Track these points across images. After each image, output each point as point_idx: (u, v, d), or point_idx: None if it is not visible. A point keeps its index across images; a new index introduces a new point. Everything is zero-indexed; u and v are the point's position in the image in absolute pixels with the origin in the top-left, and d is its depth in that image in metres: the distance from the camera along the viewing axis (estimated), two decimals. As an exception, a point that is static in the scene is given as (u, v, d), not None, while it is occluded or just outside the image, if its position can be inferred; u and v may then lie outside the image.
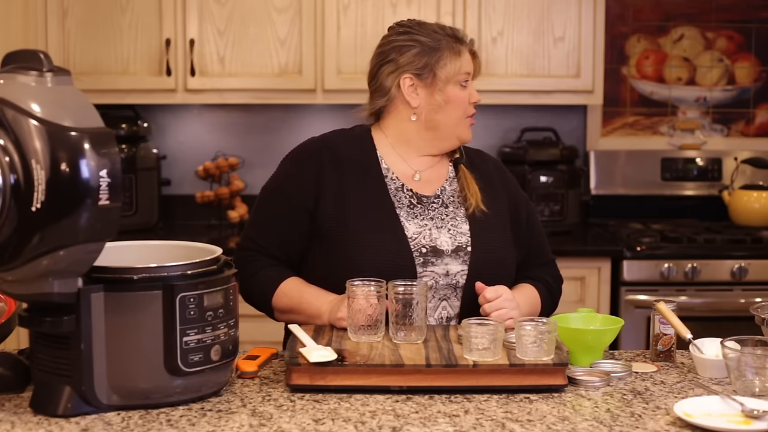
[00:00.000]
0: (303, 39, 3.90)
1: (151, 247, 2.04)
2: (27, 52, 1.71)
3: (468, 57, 2.33)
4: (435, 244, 2.25)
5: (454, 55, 2.30)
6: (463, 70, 2.31)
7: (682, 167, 4.34)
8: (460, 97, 2.31)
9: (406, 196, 2.29)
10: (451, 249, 2.25)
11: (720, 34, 4.38)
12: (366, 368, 1.88)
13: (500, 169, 2.47)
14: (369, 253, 2.20)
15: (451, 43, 2.30)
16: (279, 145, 4.30)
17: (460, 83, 2.31)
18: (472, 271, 2.24)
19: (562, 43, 3.97)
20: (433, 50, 2.28)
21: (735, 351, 1.88)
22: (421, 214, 2.28)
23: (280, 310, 2.26)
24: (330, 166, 2.29)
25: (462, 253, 2.26)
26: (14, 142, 1.63)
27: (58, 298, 1.70)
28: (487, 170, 2.41)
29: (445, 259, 2.24)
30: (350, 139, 2.36)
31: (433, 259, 2.23)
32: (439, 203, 2.31)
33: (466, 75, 2.32)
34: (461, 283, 2.24)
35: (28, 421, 1.74)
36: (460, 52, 2.31)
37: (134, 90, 3.91)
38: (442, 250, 2.25)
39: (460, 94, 2.31)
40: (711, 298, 3.75)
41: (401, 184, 2.31)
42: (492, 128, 4.30)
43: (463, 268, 2.25)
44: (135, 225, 3.95)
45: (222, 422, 1.74)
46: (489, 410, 1.80)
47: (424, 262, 2.23)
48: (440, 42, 2.29)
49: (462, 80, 2.31)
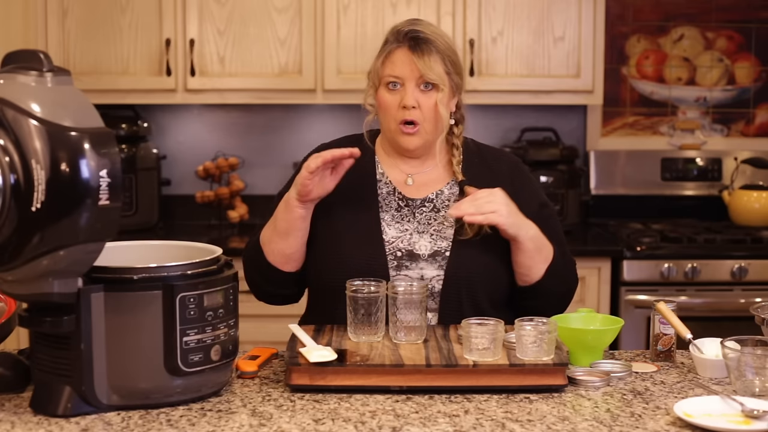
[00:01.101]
0: (303, 39, 3.90)
1: (151, 247, 2.05)
2: (27, 52, 1.71)
3: (400, 59, 2.22)
4: (412, 248, 2.24)
5: (382, 56, 2.24)
6: (387, 72, 2.22)
7: (682, 167, 4.34)
8: (385, 101, 2.23)
9: (395, 200, 2.29)
10: (428, 253, 2.23)
11: (720, 34, 4.38)
12: (366, 368, 1.88)
13: (516, 170, 2.37)
14: (345, 253, 2.21)
15: (386, 46, 2.24)
16: (279, 145, 4.32)
17: (386, 86, 2.23)
18: (448, 275, 2.21)
19: (562, 43, 3.97)
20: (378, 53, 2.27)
21: (735, 351, 1.88)
22: (406, 217, 2.27)
23: (263, 243, 2.26)
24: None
25: (439, 257, 2.23)
26: (14, 142, 1.63)
27: (58, 298, 1.70)
28: (499, 171, 2.34)
29: (420, 264, 2.23)
30: (352, 144, 2.36)
31: (408, 263, 2.22)
32: (430, 207, 2.28)
33: (391, 77, 2.22)
34: (437, 288, 2.22)
35: (28, 421, 1.74)
36: (390, 53, 2.23)
37: (134, 90, 3.92)
38: (419, 255, 2.23)
39: (385, 98, 2.23)
40: (711, 298, 3.75)
41: (393, 188, 2.30)
42: (492, 128, 4.30)
43: (439, 273, 2.22)
44: (135, 225, 3.95)
45: (222, 422, 1.74)
46: (489, 410, 1.80)
47: (398, 266, 2.22)
48: (383, 47, 2.26)
49: (387, 82, 2.23)
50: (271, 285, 2.31)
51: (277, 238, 2.23)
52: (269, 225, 2.27)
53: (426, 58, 2.20)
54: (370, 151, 2.35)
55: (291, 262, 2.26)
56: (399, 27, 2.26)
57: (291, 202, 2.19)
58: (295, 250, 2.24)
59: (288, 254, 2.24)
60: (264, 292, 2.36)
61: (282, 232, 2.22)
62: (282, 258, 2.25)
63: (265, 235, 2.27)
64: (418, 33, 2.23)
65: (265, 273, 2.28)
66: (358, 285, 2.05)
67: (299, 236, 2.23)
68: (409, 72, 2.21)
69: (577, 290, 2.40)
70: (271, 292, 2.35)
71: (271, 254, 2.25)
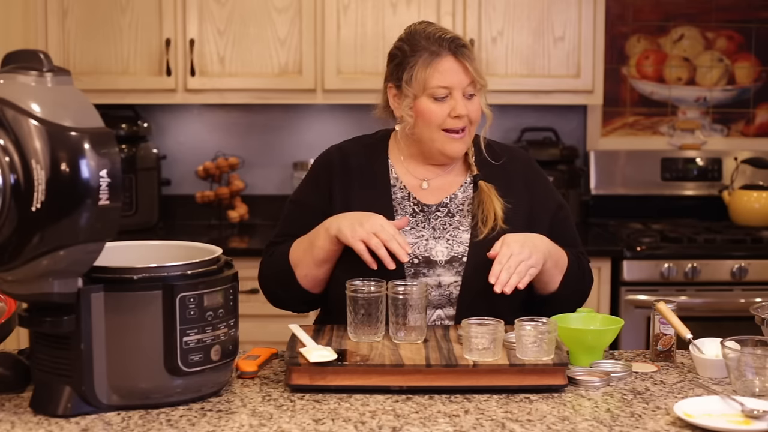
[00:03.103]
0: (303, 39, 3.89)
1: (151, 247, 2.04)
2: (27, 52, 1.71)
3: (449, 68, 2.18)
4: (429, 254, 2.23)
5: (424, 68, 2.18)
6: (434, 83, 2.18)
7: (682, 167, 4.34)
8: (430, 112, 2.19)
9: (410, 205, 2.28)
10: (445, 259, 2.22)
11: (720, 34, 4.38)
12: (366, 368, 1.88)
13: (530, 168, 2.35)
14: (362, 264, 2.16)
15: (427, 54, 2.19)
16: (279, 145, 4.32)
17: (432, 97, 2.19)
18: (465, 281, 2.20)
19: (562, 43, 3.97)
20: (409, 62, 2.20)
21: (735, 351, 1.88)
22: (421, 223, 2.26)
23: (294, 265, 2.23)
24: (340, 174, 2.30)
25: (457, 263, 2.22)
26: (14, 142, 1.63)
27: (58, 298, 1.70)
28: (513, 170, 2.32)
29: (438, 270, 2.22)
30: (365, 147, 2.35)
31: (425, 270, 2.22)
32: (444, 212, 2.27)
33: (440, 89, 2.19)
34: (455, 294, 2.21)
35: (28, 421, 1.74)
36: (434, 64, 2.18)
37: (134, 90, 3.91)
38: (435, 261, 2.22)
39: (430, 108, 2.19)
40: (711, 298, 3.75)
41: (407, 193, 2.29)
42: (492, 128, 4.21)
43: (457, 279, 2.21)
44: (135, 225, 3.95)
45: (222, 422, 1.74)
46: (489, 410, 1.80)
47: (415, 273, 2.21)
48: (418, 53, 2.20)
49: (435, 94, 2.19)
50: (294, 300, 2.31)
51: (313, 265, 2.21)
52: (301, 249, 2.23)
53: (475, 63, 2.20)
54: (383, 155, 2.34)
55: (322, 285, 2.26)
56: (430, 32, 2.21)
57: (336, 236, 2.15)
58: (328, 276, 2.24)
59: (321, 279, 2.24)
60: (284, 304, 2.35)
61: (319, 261, 2.21)
62: (314, 282, 2.24)
63: (296, 257, 2.23)
64: (459, 40, 2.21)
65: (291, 291, 2.27)
66: (358, 285, 2.05)
67: (334, 263, 2.22)
68: (458, 81, 2.19)
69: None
70: (293, 305, 2.34)
71: (304, 279, 2.24)
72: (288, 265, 2.24)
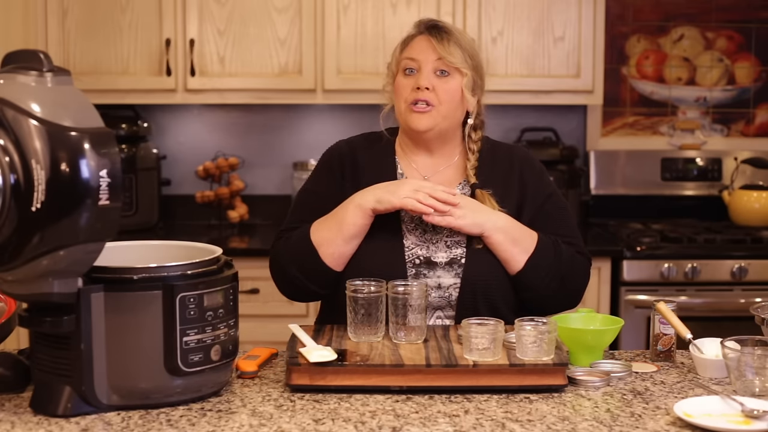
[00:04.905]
0: (303, 39, 3.89)
1: (151, 247, 2.04)
2: (27, 52, 1.71)
3: (418, 43, 2.28)
4: (430, 255, 2.24)
5: (401, 48, 2.31)
6: (405, 56, 2.28)
7: (682, 167, 4.34)
8: (401, 85, 2.27)
9: None
10: (445, 261, 2.23)
11: (720, 34, 4.38)
12: (366, 368, 1.88)
13: (526, 164, 2.35)
14: (365, 261, 2.20)
15: (407, 36, 2.31)
16: (279, 145, 4.32)
17: (403, 71, 2.28)
18: (464, 284, 2.21)
19: (562, 43, 3.97)
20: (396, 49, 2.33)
21: (735, 351, 1.88)
22: (424, 222, 2.25)
23: (318, 244, 2.22)
24: (349, 170, 2.32)
25: (456, 265, 2.23)
26: (14, 142, 1.63)
27: (58, 298, 1.70)
28: (510, 168, 2.33)
29: (438, 272, 2.23)
30: (372, 144, 2.36)
31: (426, 271, 2.23)
32: None
33: (409, 61, 2.26)
34: (454, 296, 2.22)
35: (28, 421, 1.74)
36: (409, 41, 2.30)
37: (134, 90, 3.91)
38: (436, 263, 2.23)
39: (400, 82, 2.28)
40: (711, 298, 3.75)
41: None
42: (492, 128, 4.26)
43: (456, 281, 2.22)
44: (135, 225, 3.95)
45: (222, 422, 1.74)
46: (489, 410, 1.80)
47: (416, 274, 2.22)
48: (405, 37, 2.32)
49: (404, 67, 2.28)
50: (314, 283, 2.26)
51: (341, 241, 2.21)
52: (325, 228, 2.23)
53: (445, 43, 2.25)
54: (390, 151, 2.35)
55: (346, 262, 2.24)
56: (419, 20, 2.33)
57: (373, 208, 2.18)
58: (353, 251, 2.23)
59: (348, 255, 2.23)
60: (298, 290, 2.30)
61: (348, 236, 2.21)
62: (341, 259, 2.23)
63: (321, 237, 2.22)
64: (437, 23, 2.30)
65: (312, 273, 2.24)
66: (358, 285, 2.05)
67: (361, 238, 2.23)
68: (425, 56, 2.25)
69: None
70: (308, 290, 2.28)
71: (330, 257, 2.22)
72: (310, 246, 2.22)
